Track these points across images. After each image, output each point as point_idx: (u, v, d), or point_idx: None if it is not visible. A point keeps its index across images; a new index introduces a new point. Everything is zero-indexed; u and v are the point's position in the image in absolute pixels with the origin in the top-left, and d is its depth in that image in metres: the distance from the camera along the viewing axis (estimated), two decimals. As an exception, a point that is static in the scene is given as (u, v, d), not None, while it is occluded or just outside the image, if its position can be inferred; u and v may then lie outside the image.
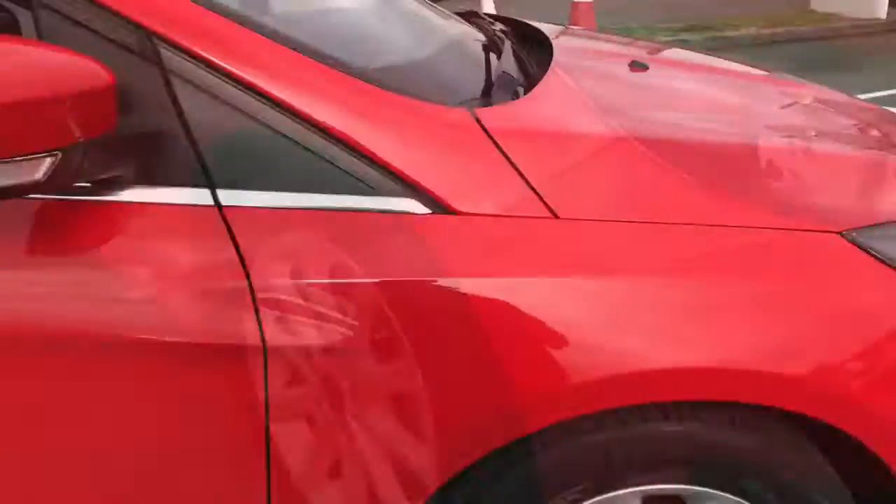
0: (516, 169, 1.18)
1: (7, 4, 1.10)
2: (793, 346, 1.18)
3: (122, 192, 1.10)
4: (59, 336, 1.08)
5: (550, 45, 1.74)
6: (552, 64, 1.53)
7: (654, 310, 1.15)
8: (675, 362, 1.14)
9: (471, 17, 2.07)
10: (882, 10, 10.31)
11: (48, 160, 0.96)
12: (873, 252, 1.22)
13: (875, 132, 1.72)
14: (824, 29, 9.90)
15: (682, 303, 1.16)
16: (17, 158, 0.94)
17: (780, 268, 1.21)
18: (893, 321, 1.21)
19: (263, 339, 1.09)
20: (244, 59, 1.13)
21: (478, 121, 1.21)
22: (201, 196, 1.10)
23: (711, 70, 1.99)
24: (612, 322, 1.15)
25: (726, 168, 1.28)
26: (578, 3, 8.79)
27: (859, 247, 1.22)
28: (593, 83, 1.57)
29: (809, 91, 1.94)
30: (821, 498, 1.25)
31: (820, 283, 1.21)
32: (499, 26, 1.89)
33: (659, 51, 2.14)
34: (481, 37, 1.77)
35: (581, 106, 1.40)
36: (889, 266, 1.22)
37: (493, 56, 1.57)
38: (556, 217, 1.16)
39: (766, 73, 2.10)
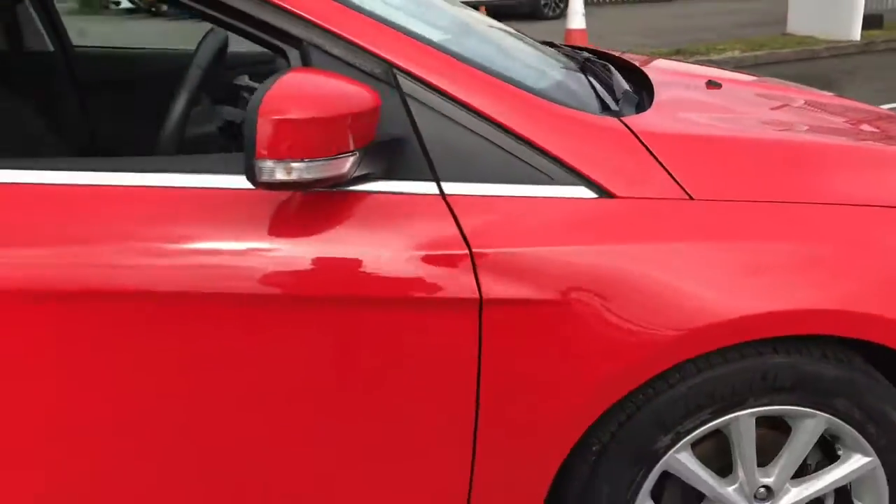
0: (659, 162, 1.53)
1: (284, 46, 1.45)
2: (875, 293, 1.54)
3: (372, 185, 1.45)
4: (325, 292, 1.42)
5: (632, 65, 2.13)
6: (654, 83, 1.91)
7: (769, 266, 1.50)
8: (785, 306, 1.49)
9: (550, 45, 2.45)
10: (856, 33, 10.86)
11: (351, 159, 1.31)
12: None
13: (869, 127, 2.11)
14: (803, 51, 10.40)
15: (790, 262, 1.51)
16: (337, 157, 1.29)
17: (862, 235, 1.56)
18: None
19: (480, 293, 1.43)
20: (458, 83, 1.48)
21: (626, 126, 1.57)
22: (430, 187, 1.46)
23: (764, 84, 2.39)
24: (736, 276, 1.49)
25: (813, 159, 1.65)
26: (572, 30, 9.22)
27: None
28: (689, 99, 1.95)
29: (804, 94, 2.33)
30: (894, 413, 1.62)
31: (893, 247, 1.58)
32: (584, 53, 2.27)
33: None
34: (577, 62, 2.15)
35: (694, 113, 1.77)
36: None
37: (604, 76, 1.94)
38: (692, 198, 1.52)
39: (798, 85, 2.49)
